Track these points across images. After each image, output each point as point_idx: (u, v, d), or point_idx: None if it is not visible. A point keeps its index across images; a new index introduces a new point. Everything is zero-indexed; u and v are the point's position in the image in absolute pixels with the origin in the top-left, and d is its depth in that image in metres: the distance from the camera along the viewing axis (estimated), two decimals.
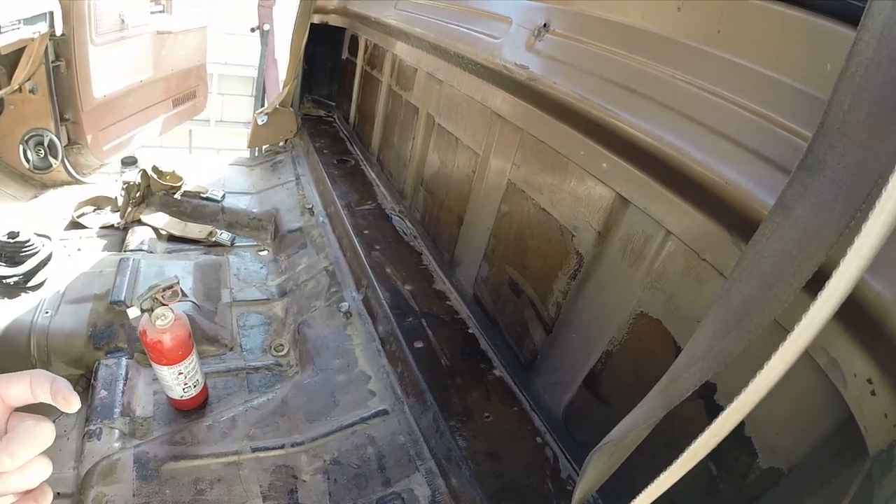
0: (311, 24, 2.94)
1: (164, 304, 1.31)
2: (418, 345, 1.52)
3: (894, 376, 0.62)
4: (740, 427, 0.86)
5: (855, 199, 0.48)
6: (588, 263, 1.24)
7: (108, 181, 2.75)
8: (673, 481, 0.57)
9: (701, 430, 0.54)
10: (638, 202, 1.08)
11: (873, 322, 0.63)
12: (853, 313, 0.64)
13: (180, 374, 1.37)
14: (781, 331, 0.74)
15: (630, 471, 0.77)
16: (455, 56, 1.77)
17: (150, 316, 1.30)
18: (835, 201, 0.50)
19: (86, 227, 2.24)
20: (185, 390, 1.41)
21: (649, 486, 0.59)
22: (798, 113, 0.77)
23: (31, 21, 2.04)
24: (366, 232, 2.07)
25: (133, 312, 1.29)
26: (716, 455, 0.91)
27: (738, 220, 0.83)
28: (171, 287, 1.32)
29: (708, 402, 0.94)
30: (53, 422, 0.47)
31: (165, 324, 1.30)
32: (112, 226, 2.26)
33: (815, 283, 0.46)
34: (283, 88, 3.08)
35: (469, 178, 1.75)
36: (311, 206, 2.44)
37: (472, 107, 1.72)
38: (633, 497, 0.61)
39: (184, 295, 1.36)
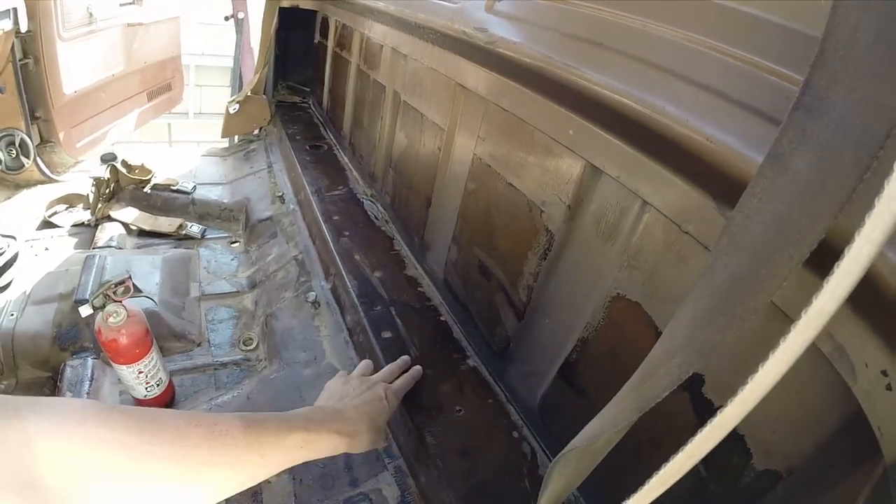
0: (281, 9, 2.84)
1: (116, 301, 1.25)
2: (386, 335, 1.44)
3: None
4: None
5: (869, 144, 0.37)
6: (559, 241, 1.14)
7: (83, 178, 2.69)
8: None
9: (686, 426, 0.44)
10: (610, 170, 0.96)
11: (888, 302, 0.51)
12: (863, 292, 0.51)
13: (140, 372, 1.31)
14: (778, 313, 0.63)
15: (608, 467, 0.68)
16: (417, 27, 1.67)
17: (102, 314, 1.24)
18: (843, 148, 0.40)
19: (57, 227, 2.18)
20: (148, 389, 1.36)
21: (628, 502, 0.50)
22: (788, 55, 0.65)
23: None
24: (335, 218, 1.98)
25: (85, 311, 1.23)
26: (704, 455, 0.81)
27: (724, 185, 0.71)
28: (122, 283, 1.26)
29: (695, 396, 0.84)
30: None
31: (118, 321, 1.24)
32: (83, 223, 2.20)
33: (819, 255, 0.37)
34: (254, 76, 2.99)
35: (435, 155, 1.66)
36: (281, 193, 2.36)
37: (437, 80, 1.62)
38: (614, 497, 0.52)
39: (137, 290, 1.28)
